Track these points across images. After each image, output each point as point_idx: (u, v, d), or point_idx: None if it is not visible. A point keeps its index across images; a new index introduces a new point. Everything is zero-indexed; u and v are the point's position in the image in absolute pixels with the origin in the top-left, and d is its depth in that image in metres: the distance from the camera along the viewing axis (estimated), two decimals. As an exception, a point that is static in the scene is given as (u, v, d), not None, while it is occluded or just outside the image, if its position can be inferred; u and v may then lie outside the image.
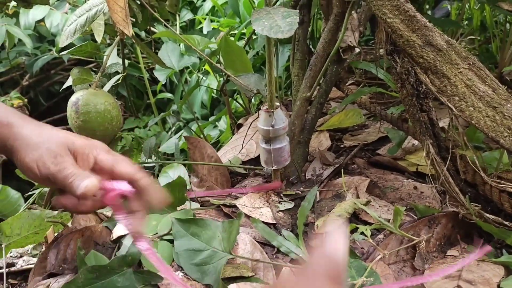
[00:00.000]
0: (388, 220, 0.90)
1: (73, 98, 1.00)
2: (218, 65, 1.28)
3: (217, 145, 1.70)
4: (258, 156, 1.02)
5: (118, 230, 0.90)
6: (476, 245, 0.80)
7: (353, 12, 1.03)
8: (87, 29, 1.09)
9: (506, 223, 0.76)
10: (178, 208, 0.93)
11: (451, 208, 0.83)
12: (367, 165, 1.12)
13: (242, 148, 1.25)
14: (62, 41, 1.02)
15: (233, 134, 1.48)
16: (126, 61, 1.44)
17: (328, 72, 1.09)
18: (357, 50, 1.10)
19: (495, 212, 0.79)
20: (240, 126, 1.46)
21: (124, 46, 1.38)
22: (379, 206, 0.94)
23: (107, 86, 1.14)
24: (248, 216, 0.93)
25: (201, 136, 1.61)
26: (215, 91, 1.95)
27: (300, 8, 1.21)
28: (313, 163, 1.13)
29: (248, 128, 1.29)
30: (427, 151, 0.87)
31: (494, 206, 0.80)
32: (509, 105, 0.79)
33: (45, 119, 2.45)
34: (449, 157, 0.84)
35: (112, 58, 1.21)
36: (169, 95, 2.34)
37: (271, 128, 0.93)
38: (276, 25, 0.75)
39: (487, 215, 0.78)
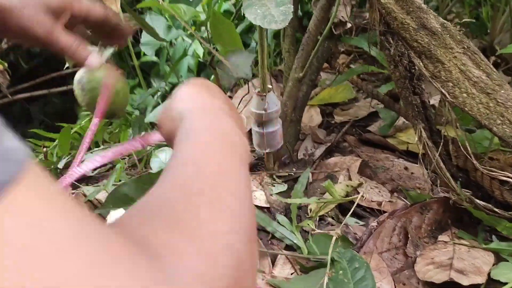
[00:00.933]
0: (380, 203, 0.91)
1: (77, 77, 0.98)
2: (205, 37, 1.25)
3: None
4: (250, 131, 1.01)
5: (112, 217, 0.90)
6: (467, 230, 0.82)
7: (345, -12, 1.00)
8: None
9: (496, 210, 0.77)
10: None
11: (442, 194, 0.84)
12: (358, 143, 1.12)
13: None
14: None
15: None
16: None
17: (320, 48, 1.06)
18: (349, 25, 1.08)
19: (485, 198, 0.80)
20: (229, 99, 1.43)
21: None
22: (371, 188, 0.95)
23: (104, 58, 1.11)
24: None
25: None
26: (201, 54, 1.91)
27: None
28: (304, 141, 1.12)
29: (240, 102, 1.26)
30: (419, 136, 0.87)
31: (485, 192, 0.81)
32: (502, 91, 0.78)
33: (27, 82, 2.39)
34: (442, 142, 0.84)
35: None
36: (154, 58, 2.28)
37: (264, 112, 0.92)
38: (270, 14, 0.73)
39: (478, 201, 0.79)
